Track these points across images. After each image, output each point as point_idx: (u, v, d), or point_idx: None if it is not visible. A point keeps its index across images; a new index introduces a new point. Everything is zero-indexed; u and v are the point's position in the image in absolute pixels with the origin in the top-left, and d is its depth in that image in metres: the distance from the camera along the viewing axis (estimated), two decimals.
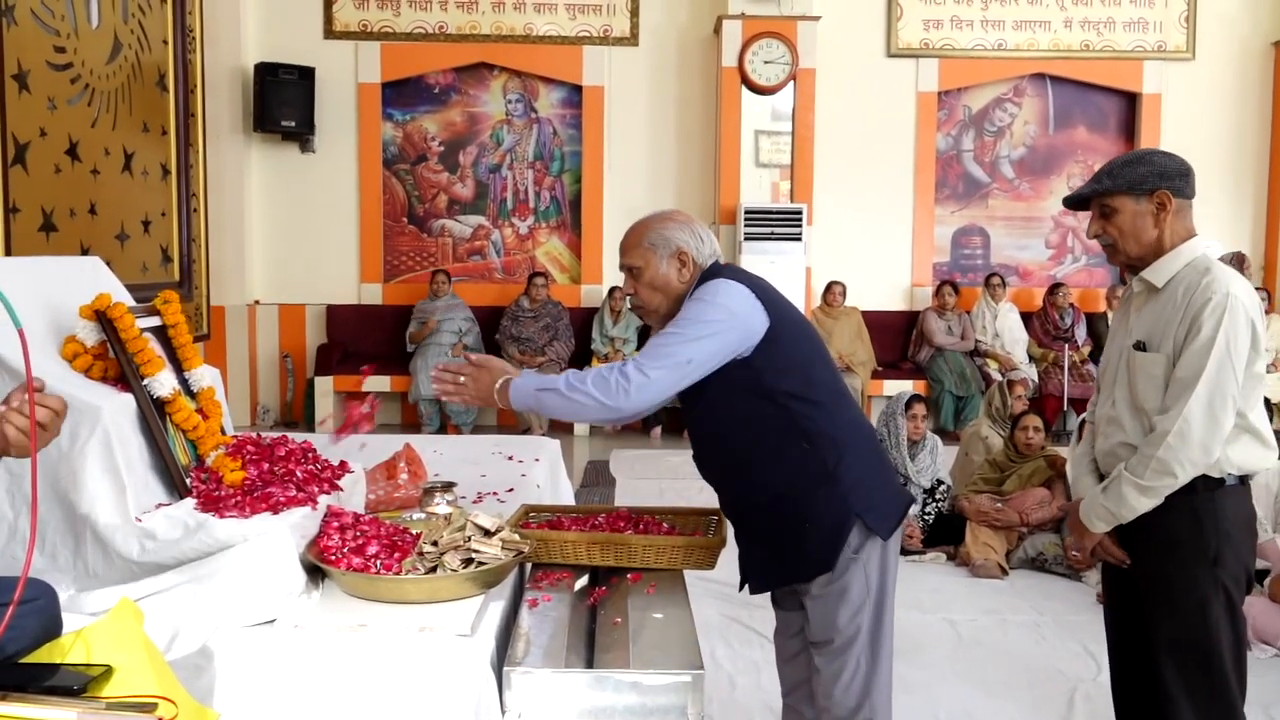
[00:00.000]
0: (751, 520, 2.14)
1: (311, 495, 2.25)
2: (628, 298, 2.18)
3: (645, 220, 2.19)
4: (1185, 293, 2.04)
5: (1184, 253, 2.09)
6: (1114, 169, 2.12)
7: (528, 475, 3.24)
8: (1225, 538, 2.06)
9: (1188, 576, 2.07)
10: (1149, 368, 2.08)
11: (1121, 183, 2.09)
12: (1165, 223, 2.08)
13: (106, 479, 2.03)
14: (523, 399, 2.06)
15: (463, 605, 2.05)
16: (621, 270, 2.19)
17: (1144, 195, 2.08)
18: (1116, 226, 2.11)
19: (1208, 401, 1.98)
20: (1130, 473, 2.05)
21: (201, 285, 6.91)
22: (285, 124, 7.74)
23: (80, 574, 2.01)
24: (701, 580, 2.50)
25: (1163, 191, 2.07)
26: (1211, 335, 1.98)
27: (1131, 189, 2.08)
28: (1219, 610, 2.06)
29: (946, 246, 8.48)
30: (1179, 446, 1.99)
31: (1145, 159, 2.12)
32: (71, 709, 1.39)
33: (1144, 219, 2.08)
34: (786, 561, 2.10)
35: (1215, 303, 1.99)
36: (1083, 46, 8.23)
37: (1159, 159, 2.11)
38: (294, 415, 8.06)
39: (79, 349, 2.20)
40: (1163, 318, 2.08)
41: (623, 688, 1.88)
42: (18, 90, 4.75)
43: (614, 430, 7.78)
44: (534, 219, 8.36)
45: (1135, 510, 2.07)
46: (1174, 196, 2.07)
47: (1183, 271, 2.08)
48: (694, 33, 8.16)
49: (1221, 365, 1.98)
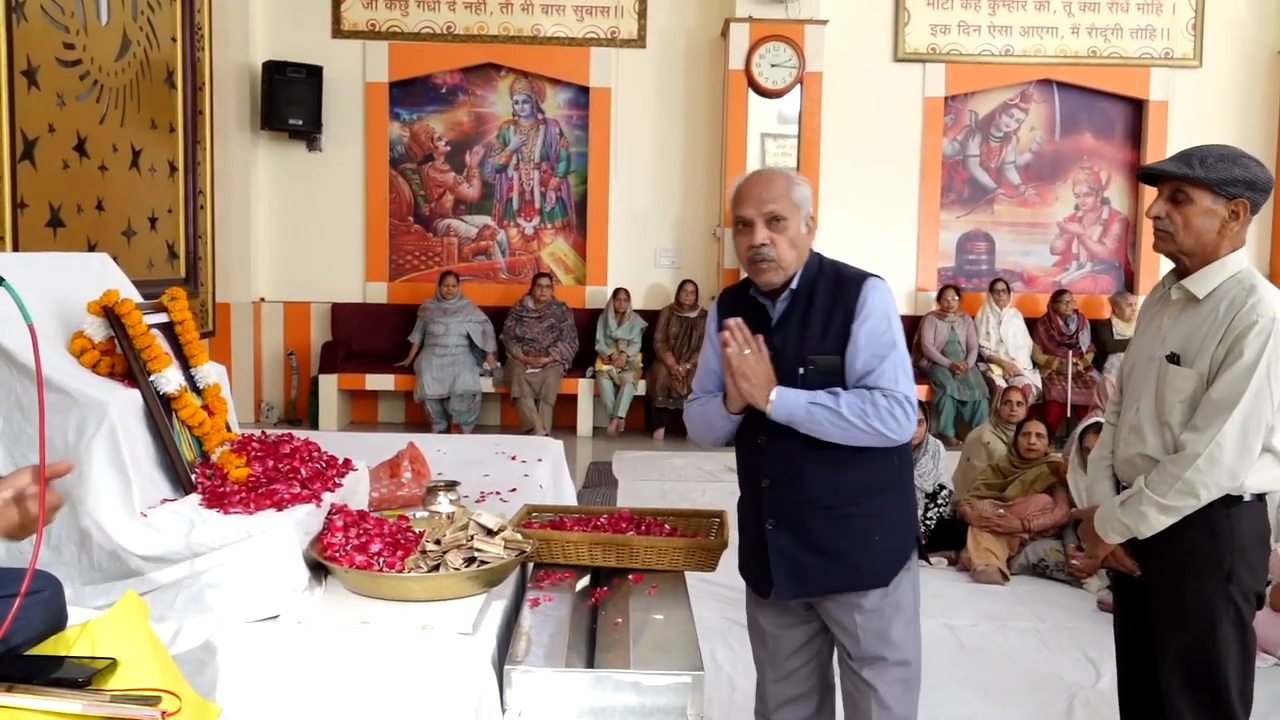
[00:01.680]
0: (812, 522, 2.03)
1: (315, 493, 2.26)
2: (757, 249, 1.99)
3: (783, 172, 2.08)
4: (1228, 310, 1.98)
5: (1229, 265, 2.02)
6: (1206, 158, 2.01)
7: (531, 475, 3.25)
8: (1240, 554, 2.04)
9: (1200, 590, 2.05)
10: (1179, 382, 2.02)
11: (1212, 176, 1.99)
12: (1231, 231, 2.01)
13: (112, 474, 2.04)
14: (789, 407, 1.97)
15: (465, 604, 2.06)
16: (756, 217, 2.00)
17: (1224, 197, 1.99)
18: (1184, 215, 2.01)
19: (1242, 427, 1.94)
20: (1152, 490, 2.02)
21: (207, 282, 6.92)
22: (293, 122, 7.76)
23: (85, 568, 2.02)
24: (702, 582, 2.50)
25: (1243, 200, 1.99)
26: (1254, 360, 1.92)
27: (1217, 186, 1.99)
28: (1228, 626, 2.04)
29: (951, 251, 8.47)
30: (1208, 470, 1.95)
31: (1240, 161, 2.02)
32: (77, 701, 1.41)
33: (1214, 220, 2.00)
34: (845, 569, 2.03)
35: (1261, 326, 1.93)
36: (1090, 53, 8.23)
37: (1254, 167, 2.01)
38: (298, 413, 8.08)
39: (86, 344, 2.21)
40: (1200, 331, 2.01)
41: (623, 688, 1.89)
42: (27, 86, 4.77)
43: (616, 432, 7.78)
44: (539, 219, 8.37)
45: (1153, 528, 2.04)
46: (1250, 210, 2.01)
47: (1226, 285, 2.01)
48: (701, 35, 8.17)
49: (1260, 392, 1.93)
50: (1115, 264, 8.54)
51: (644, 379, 7.79)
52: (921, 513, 4.70)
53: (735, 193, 2.07)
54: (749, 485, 2.13)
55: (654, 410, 7.76)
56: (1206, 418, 1.97)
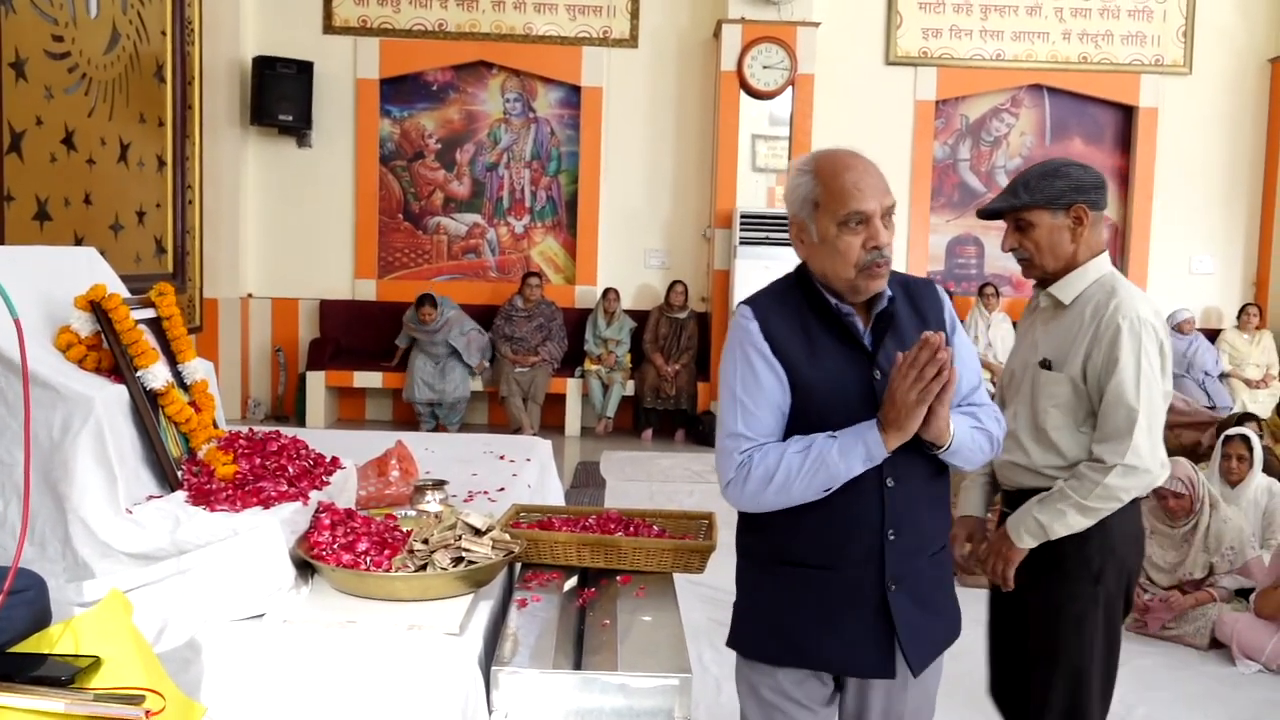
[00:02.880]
0: (923, 574, 1.79)
1: (303, 490, 2.24)
2: (881, 250, 1.68)
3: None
4: (1094, 314, 2.04)
5: (1091, 270, 2.08)
6: (1030, 182, 2.08)
7: (519, 475, 3.23)
8: (1110, 554, 2.08)
9: (1069, 592, 2.08)
10: (1051, 386, 2.07)
11: (1040, 197, 2.05)
12: (1081, 237, 2.06)
13: (98, 470, 2.02)
14: (960, 437, 1.72)
15: (452, 604, 2.04)
16: (878, 210, 1.68)
17: (1061, 210, 2.05)
18: (1034, 241, 2.08)
19: (1148, 429, 2.00)
20: (1073, 492, 2.03)
21: (195, 277, 6.89)
22: (283, 118, 7.73)
23: (70, 564, 2.00)
24: (690, 584, 2.49)
25: (1080, 206, 2.05)
26: (1134, 363, 1.98)
27: (1049, 203, 2.05)
28: (1095, 626, 2.09)
29: (941, 255, 8.51)
30: (1129, 475, 2.00)
31: (1061, 172, 2.08)
32: (60, 699, 1.40)
33: (1061, 233, 2.06)
34: (946, 622, 1.85)
35: (1129, 328, 1.99)
36: (1080, 59, 8.27)
37: (1075, 172, 2.08)
38: (285, 409, 8.05)
39: (73, 339, 2.19)
40: (1069, 336, 2.06)
41: (610, 690, 1.87)
42: (15, 78, 4.74)
43: (605, 432, 7.78)
44: (530, 218, 8.36)
45: (1070, 529, 2.05)
46: (1090, 210, 2.06)
47: (1090, 289, 2.07)
48: (693, 36, 8.17)
49: (1150, 389, 1.99)
50: None
51: (633, 379, 7.80)
52: None
53: (836, 181, 1.69)
54: (858, 542, 1.73)
55: (642, 411, 7.77)
56: (1118, 424, 2.01)
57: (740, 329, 1.75)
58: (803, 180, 1.74)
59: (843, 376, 1.72)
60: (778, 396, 1.72)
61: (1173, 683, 3.64)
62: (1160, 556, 4.09)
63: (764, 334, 1.73)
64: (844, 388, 1.72)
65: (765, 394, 1.72)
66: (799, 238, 1.77)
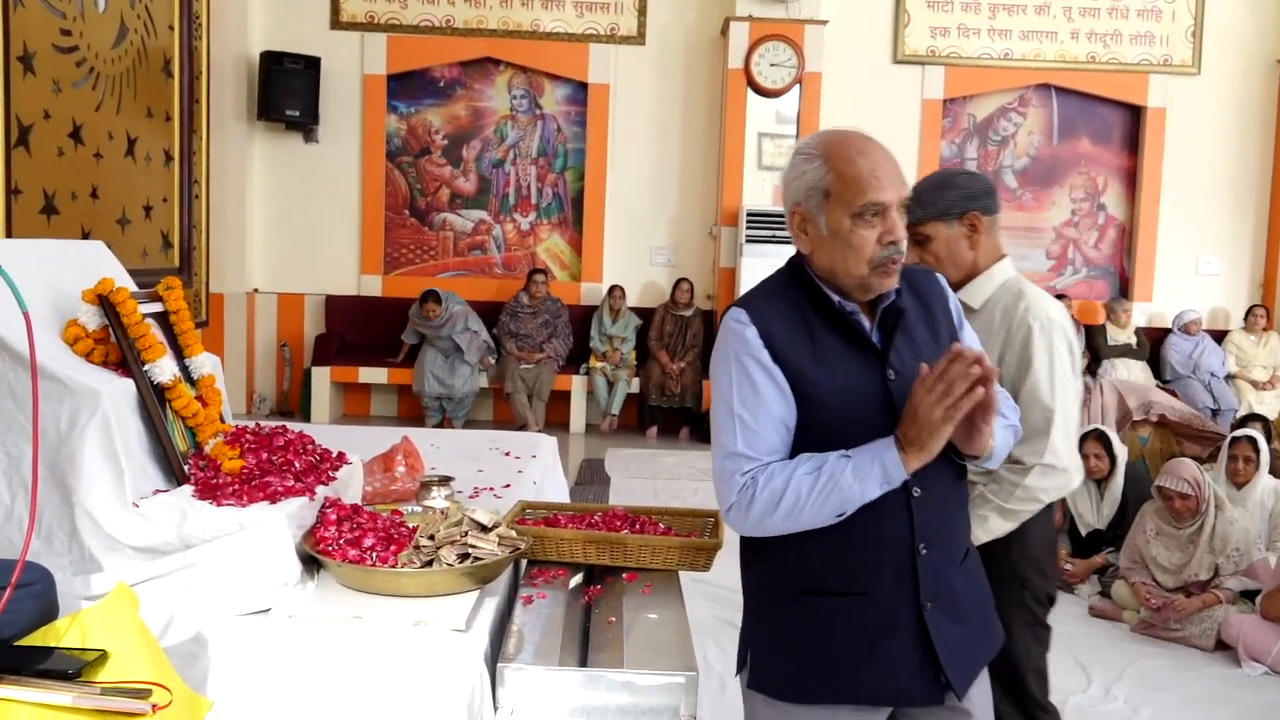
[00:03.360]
0: (956, 586, 1.66)
1: (309, 485, 2.24)
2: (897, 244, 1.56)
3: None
4: (1003, 317, 2.05)
5: (996, 274, 2.10)
6: (921, 196, 2.08)
7: (524, 471, 3.23)
8: (1031, 562, 2.09)
9: (996, 599, 2.02)
10: None
11: (933, 210, 2.07)
12: (979, 244, 2.09)
13: (105, 464, 2.02)
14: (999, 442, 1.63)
15: (458, 600, 2.04)
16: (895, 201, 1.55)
17: (955, 219, 2.08)
18: (933, 253, 2.10)
19: (1064, 429, 2.00)
20: (994, 496, 2.02)
21: (201, 272, 6.90)
22: (289, 113, 7.74)
23: (76, 558, 2.00)
24: (694, 581, 2.49)
25: (973, 213, 2.07)
26: (1046, 364, 1.99)
27: (943, 215, 2.07)
28: (1024, 630, 2.10)
29: None
30: (1047, 475, 2.00)
31: (950, 182, 2.09)
32: (67, 693, 1.39)
33: (959, 242, 2.08)
34: (987, 632, 1.74)
35: (1040, 328, 2.00)
36: (1089, 58, 8.25)
37: (963, 180, 2.10)
38: (290, 405, 8.06)
39: (80, 333, 2.19)
40: (981, 339, 2.03)
41: (615, 687, 1.87)
42: (23, 72, 4.74)
43: (610, 429, 7.77)
44: (536, 215, 8.36)
45: (992, 533, 2.04)
46: (983, 216, 2.08)
47: (997, 293, 2.08)
48: (701, 33, 8.16)
49: (1063, 389, 2.00)
50: (1111, 270, 8.56)
51: (638, 377, 7.79)
52: None
53: (851, 168, 1.56)
54: (887, 561, 1.59)
55: (647, 408, 7.76)
56: (1036, 425, 2.00)
57: (734, 335, 1.59)
58: (810, 166, 1.58)
59: (854, 380, 1.57)
60: (780, 409, 1.56)
61: (1178, 684, 3.63)
62: (1166, 558, 4.09)
63: (763, 340, 1.57)
64: (857, 392, 1.57)
65: (767, 407, 1.56)
66: (802, 229, 1.62)
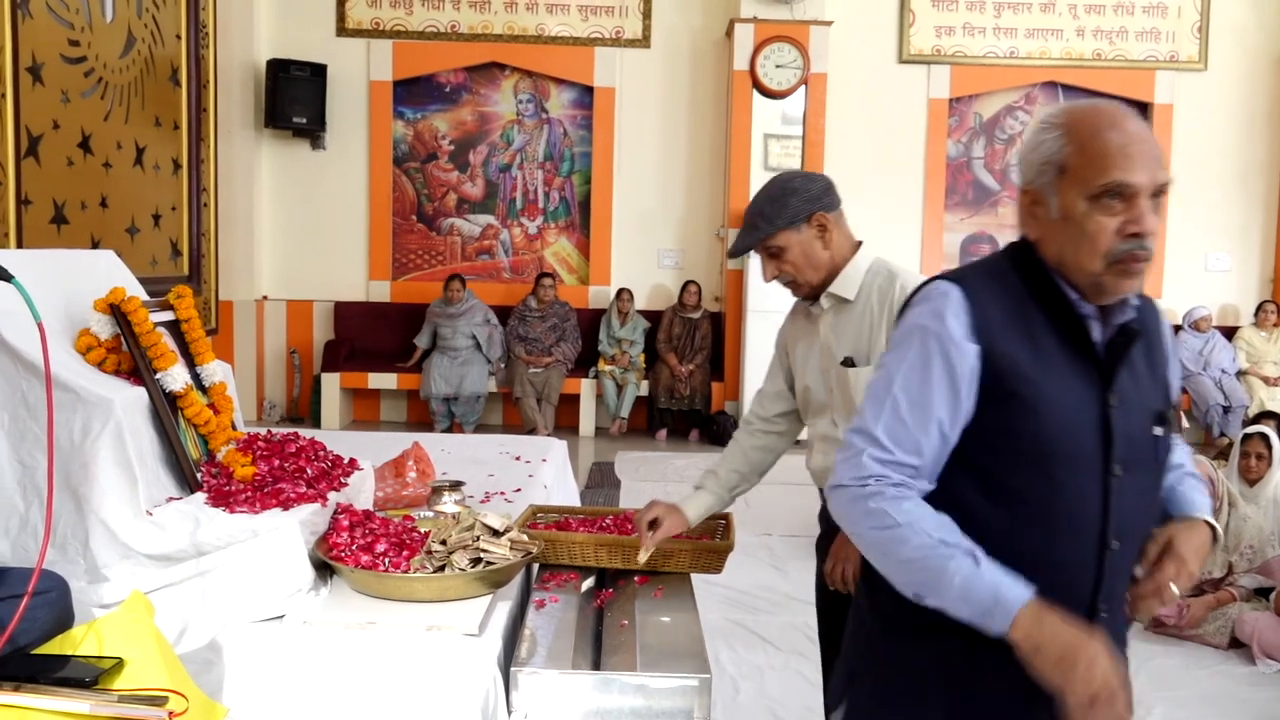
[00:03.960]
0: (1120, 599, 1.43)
1: (321, 492, 2.24)
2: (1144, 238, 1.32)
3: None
4: (881, 299, 2.05)
5: (860, 261, 2.10)
6: (764, 211, 2.09)
7: (535, 475, 3.23)
8: None
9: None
10: (863, 381, 2.03)
11: (780, 221, 2.07)
12: (831, 241, 2.09)
13: (118, 472, 2.03)
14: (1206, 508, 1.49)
15: (471, 605, 2.04)
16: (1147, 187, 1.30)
17: (803, 223, 2.07)
18: (790, 263, 2.10)
19: None
20: None
21: (210, 280, 6.93)
22: (296, 120, 7.77)
23: (90, 566, 2.01)
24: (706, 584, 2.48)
25: (818, 214, 2.07)
26: None
27: (790, 224, 2.07)
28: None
29: (955, 254, 8.46)
30: None
31: (789, 189, 2.08)
32: (85, 700, 1.40)
33: (812, 245, 2.08)
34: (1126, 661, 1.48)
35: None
36: (1095, 55, 8.23)
37: (800, 184, 2.09)
38: (300, 411, 8.08)
39: (92, 342, 2.20)
40: (864, 327, 2.06)
41: (629, 690, 1.87)
42: (31, 82, 4.77)
43: (619, 432, 7.77)
44: (543, 219, 8.37)
45: None
46: (828, 213, 2.08)
47: (867, 279, 2.09)
48: (706, 35, 8.16)
49: None
50: None
51: (647, 379, 7.79)
52: None
53: (1095, 141, 1.31)
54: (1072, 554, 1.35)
55: (656, 411, 7.76)
56: None
57: (933, 308, 1.36)
58: (1048, 137, 1.36)
59: (1075, 394, 1.34)
60: (945, 411, 1.34)
61: (1192, 682, 3.62)
62: None
63: (974, 320, 1.33)
64: (1074, 409, 1.33)
65: (930, 403, 1.34)
66: (1030, 211, 1.39)
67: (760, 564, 4.69)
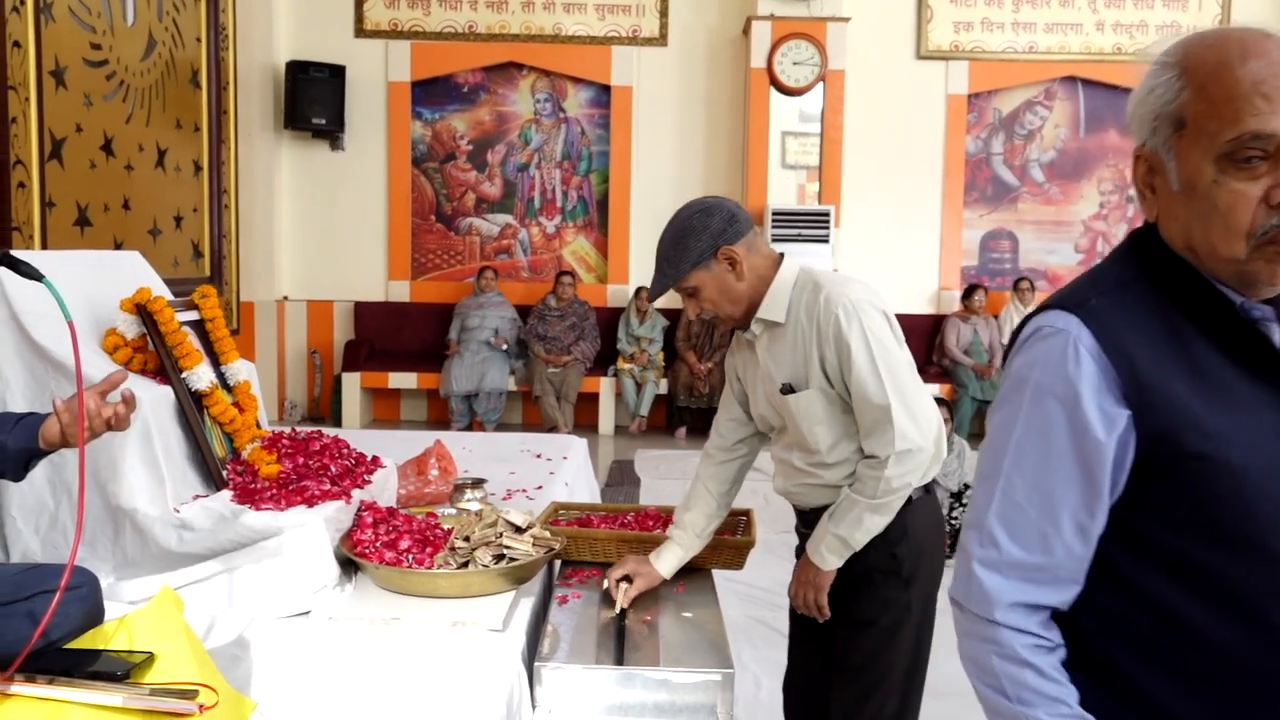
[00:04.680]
0: None
1: (345, 489, 2.26)
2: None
3: None
4: (809, 315, 1.97)
5: (784, 279, 2.01)
6: (669, 255, 2.02)
7: (556, 473, 3.24)
8: (919, 554, 2.01)
9: (882, 600, 2.01)
10: (805, 406, 1.98)
11: (686, 264, 2.00)
12: (744, 271, 2.00)
13: (145, 470, 2.05)
14: None
15: (494, 600, 2.06)
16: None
17: (710, 260, 2.00)
18: (709, 299, 2.04)
19: (904, 407, 1.89)
20: (861, 495, 1.95)
21: (231, 281, 6.98)
22: (316, 122, 7.81)
23: (119, 562, 2.04)
24: (726, 580, 2.48)
25: (723, 249, 1.99)
26: (864, 346, 1.90)
27: (697, 264, 2.00)
28: (909, 632, 2.02)
29: (975, 250, 8.42)
30: (905, 460, 1.90)
31: (687, 229, 2.00)
32: (117, 694, 1.42)
33: (725, 279, 2.01)
34: None
35: (845, 313, 1.91)
36: (1115, 49, 8.16)
37: (698, 221, 2.00)
38: (321, 411, 8.12)
39: (119, 341, 2.23)
40: (799, 349, 1.98)
41: (652, 685, 1.88)
42: (54, 86, 4.82)
43: (638, 431, 7.78)
44: (561, 218, 8.38)
45: (869, 534, 1.95)
46: (734, 244, 1.99)
47: (794, 296, 2.00)
48: (723, 33, 8.15)
49: (889, 365, 1.90)
50: None
51: (666, 378, 7.80)
52: (947, 512, 4.67)
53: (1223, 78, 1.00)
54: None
55: (676, 409, 7.76)
56: (875, 418, 1.91)
57: (1050, 368, 1.02)
58: (1161, 80, 1.03)
59: (1269, 426, 0.98)
60: (1079, 498, 1.01)
61: None
62: None
63: (1118, 379, 0.99)
64: (1274, 448, 0.98)
65: (1055, 489, 1.02)
66: (1147, 183, 1.06)
67: (781, 561, 4.65)
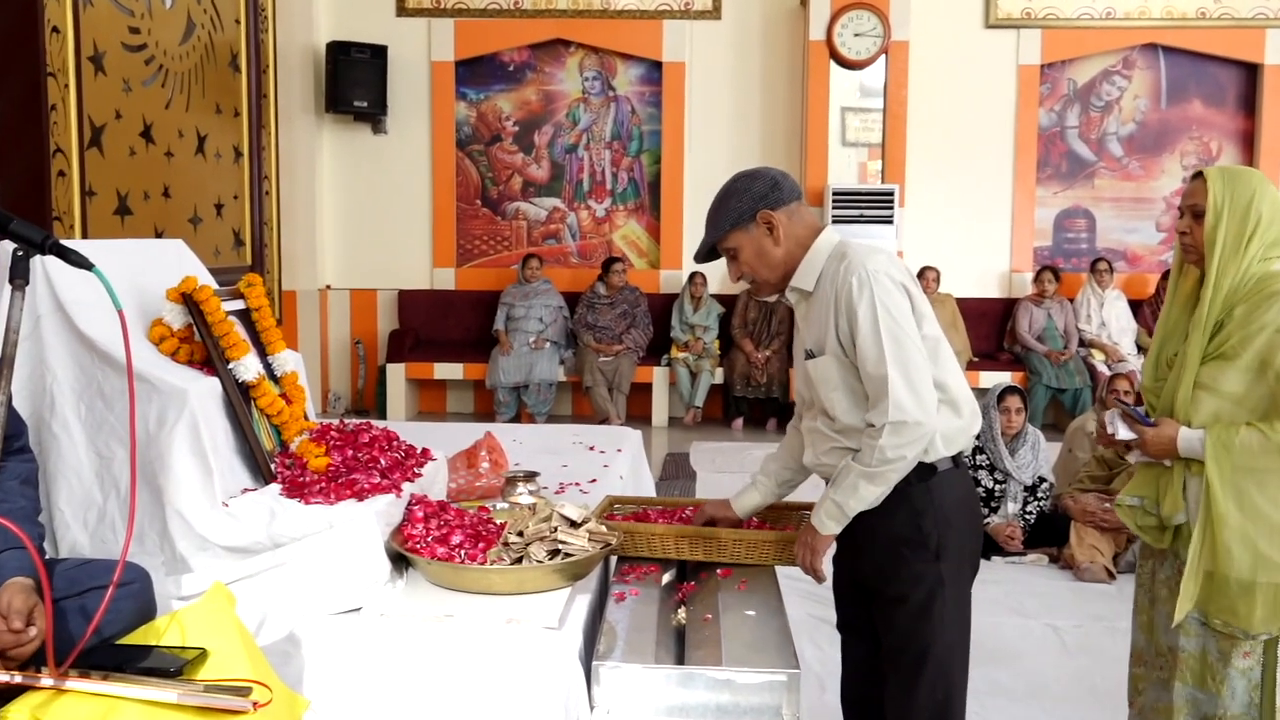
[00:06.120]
0: None
1: (395, 483, 2.24)
2: None
3: None
4: (831, 285, 2.04)
5: (819, 250, 2.10)
6: (712, 215, 2.15)
7: (610, 466, 3.20)
8: (946, 526, 2.03)
9: (912, 574, 2.04)
10: (822, 372, 2.06)
11: (726, 223, 2.11)
12: (781, 238, 2.09)
13: (193, 463, 2.03)
14: None
15: (549, 597, 2.02)
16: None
17: (750, 223, 2.10)
18: (747, 263, 2.13)
19: (904, 377, 1.94)
20: (858, 463, 1.99)
21: (273, 269, 6.95)
22: (357, 104, 7.73)
23: (168, 557, 2.02)
24: (787, 578, 2.41)
25: (763, 212, 2.09)
26: (871, 315, 1.96)
27: (736, 225, 2.10)
28: (943, 605, 2.04)
29: (1048, 230, 8.13)
30: (899, 430, 1.94)
31: (731, 192, 2.12)
32: (172, 690, 1.42)
33: (763, 243, 2.10)
34: None
35: (859, 282, 1.98)
36: (1199, 14, 7.79)
37: (741, 184, 2.12)
38: (365, 403, 8.11)
39: (165, 332, 2.20)
40: (821, 318, 2.07)
41: (715, 686, 1.83)
42: (94, 72, 4.80)
43: (693, 422, 7.64)
44: (611, 201, 8.26)
45: (865, 502, 2.01)
46: (774, 209, 2.08)
47: (825, 266, 2.09)
48: (780, 5, 7.95)
49: (894, 337, 1.95)
50: None
51: (721, 367, 7.65)
52: (1020, 507, 4.51)
53: None
54: None
55: (732, 399, 7.61)
56: (875, 388, 1.97)
57: None
58: None
59: None
60: None
61: None
62: None
63: None
64: None
65: None
66: None
67: None
